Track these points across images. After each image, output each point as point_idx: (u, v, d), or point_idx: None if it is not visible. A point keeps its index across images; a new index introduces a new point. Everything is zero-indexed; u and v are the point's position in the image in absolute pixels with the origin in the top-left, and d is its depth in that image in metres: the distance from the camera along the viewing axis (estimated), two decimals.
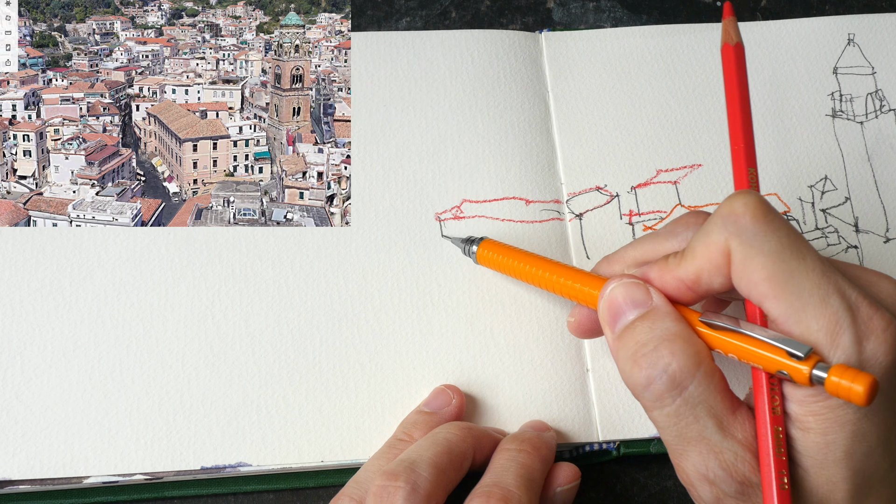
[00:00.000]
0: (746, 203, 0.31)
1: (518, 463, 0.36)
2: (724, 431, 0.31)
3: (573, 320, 0.39)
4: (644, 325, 0.32)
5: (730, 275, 0.31)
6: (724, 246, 0.31)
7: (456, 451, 0.36)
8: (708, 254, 0.31)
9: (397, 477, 0.34)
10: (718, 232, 0.31)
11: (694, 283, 0.32)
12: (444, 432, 0.37)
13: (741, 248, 0.30)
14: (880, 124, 0.50)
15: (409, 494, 0.33)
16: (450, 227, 0.46)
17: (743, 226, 0.30)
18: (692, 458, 0.31)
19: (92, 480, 0.40)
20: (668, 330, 0.32)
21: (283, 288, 0.44)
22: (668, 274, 0.33)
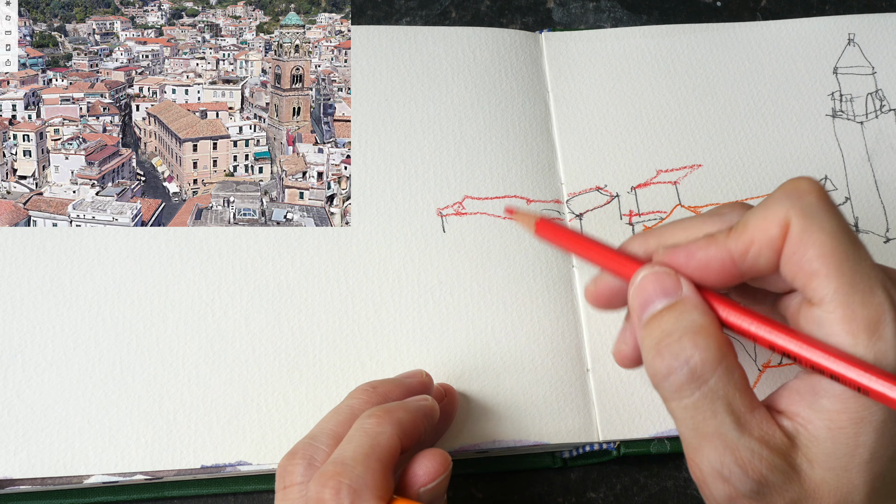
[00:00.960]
0: (812, 184, 0.31)
1: (362, 431, 0.34)
2: (741, 428, 0.30)
3: (594, 288, 0.38)
4: (671, 315, 0.32)
5: (780, 251, 0.31)
6: (784, 218, 0.30)
7: (359, 415, 0.35)
8: (765, 225, 0.31)
9: (295, 455, 0.34)
10: (780, 205, 0.31)
11: (742, 255, 0.31)
12: (348, 400, 0.37)
13: (802, 222, 0.30)
14: (880, 124, 0.50)
15: (305, 469, 0.33)
16: (451, 223, 0.46)
17: (807, 202, 0.30)
18: (707, 454, 0.31)
19: (92, 480, 0.40)
20: (693, 322, 0.31)
21: (283, 288, 0.44)
22: (714, 247, 0.32)
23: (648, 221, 0.47)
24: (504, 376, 0.42)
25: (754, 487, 0.30)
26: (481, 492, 0.43)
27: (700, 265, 0.32)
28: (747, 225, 0.31)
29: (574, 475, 0.43)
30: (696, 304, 0.32)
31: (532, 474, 0.43)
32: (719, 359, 0.31)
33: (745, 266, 0.32)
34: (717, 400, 0.31)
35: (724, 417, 0.30)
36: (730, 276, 0.32)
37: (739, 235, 0.31)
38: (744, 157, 0.49)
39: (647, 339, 0.32)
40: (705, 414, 0.31)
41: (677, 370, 0.31)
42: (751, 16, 0.55)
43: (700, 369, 0.31)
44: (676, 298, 0.32)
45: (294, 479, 0.33)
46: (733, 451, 0.30)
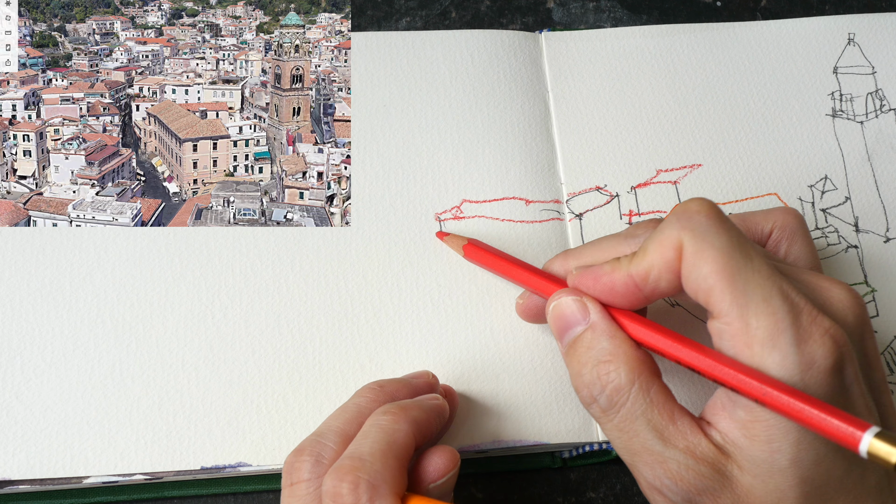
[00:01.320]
0: (701, 203, 0.32)
1: (378, 427, 0.34)
2: (665, 441, 0.31)
3: (522, 302, 0.41)
4: (584, 344, 0.34)
5: (679, 272, 0.32)
6: (677, 241, 0.32)
7: (366, 414, 0.36)
8: (660, 249, 0.32)
9: (302, 451, 0.34)
10: (672, 228, 0.32)
11: (643, 279, 0.33)
12: (355, 398, 0.37)
13: (693, 242, 0.31)
14: (880, 124, 0.50)
15: (312, 466, 0.34)
16: (450, 227, 0.46)
17: (697, 222, 0.32)
18: (641, 469, 0.32)
19: (92, 480, 0.40)
20: (603, 350, 0.33)
21: (282, 288, 0.44)
22: (617, 273, 0.34)
23: None
24: (503, 376, 0.42)
25: (686, 496, 0.31)
26: (481, 492, 0.43)
27: (606, 288, 0.34)
28: (646, 250, 0.33)
29: (574, 475, 0.43)
30: (604, 330, 0.34)
31: (532, 474, 0.43)
32: (631, 381, 0.32)
33: (648, 290, 0.33)
34: (637, 419, 0.32)
35: (647, 434, 0.32)
36: (634, 298, 0.34)
37: (640, 261, 0.33)
38: (744, 156, 0.49)
39: (570, 367, 0.35)
40: (629, 433, 0.32)
41: (597, 398, 0.33)
42: (751, 16, 0.55)
43: (615, 394, 0.32)
44: (587, 325, 0.34)
45: (301, 475, 0.34)
46: (662, 464, 0.31)
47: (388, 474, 0.32)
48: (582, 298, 0.35)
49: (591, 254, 0.37)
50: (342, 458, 0.33)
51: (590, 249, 0.38)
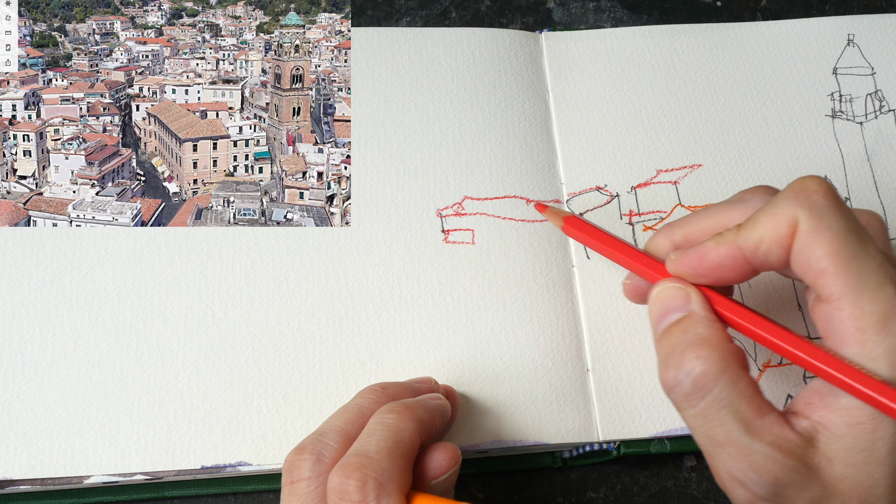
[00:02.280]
0: (820, 183, 0.32)
1: (384, 425, 0.34)
2: (751, 433, 0.31)
3: (629, 283, 0.40)
4: (678, 330, 0.33)
5: (790, 248, 0.31)
6: (793, 217, 0.31)
7: (368, 414, 0.36)
8: (774, 222, 0.32)
9: (303, 450, 0.34)
10: (788, 203, 0.32)
11: (752, 252, 0.32)
12: (357, 399, 0.37)
13: (810, 221, 0.31)
14: (880, 125, 0.50)
15: (313, 465, 0.34)
16: (451, 224, 0.46)
17: (815, 201, 0.31)
18: (723, 460, 0.32)
19: (92, 480, 0.40)
20: (697, 335, 0.33)
21: (282, 288, 0.44)
22: (724, 246, 0.33)
23: (648, 221, 0.47)
24: (504, 376, 0.42)
25: (771, 490, 0.31)
26: (481, 492, 0.43)
27: (713, 265, 0.34)
28: (756, 223, 0.32)
29: (574, 475, 0.43)
30: (701, 318, 0.33)
31: (532, 474, 0.43)
32: (722, 369, 0.32)
33: (757, 262, 0.33)
34: (723, 408, 0.31)
35: (733, 425, 0.31)
36: (743, 271, 0.33)
37: (749, 233, 0.33)
38: (744, 157, 0.49)
39: (659, 351, 0.34)
40: (713, 422, 0.32)
41: (682, 381, 0.32)
42: (751, 16, 0.55)
43: (703, 380, 0.32)
44: (685, 312, 0.34)
45: (302, 474, 0.33)
46: (746, 457, 0.31)
47: (394, 472, 0.32)
48: (685, 287, 0.34)
49: (697, 224, 0.37)
50: (348, 456, 0.33)
51: (696, 219, 0.37)
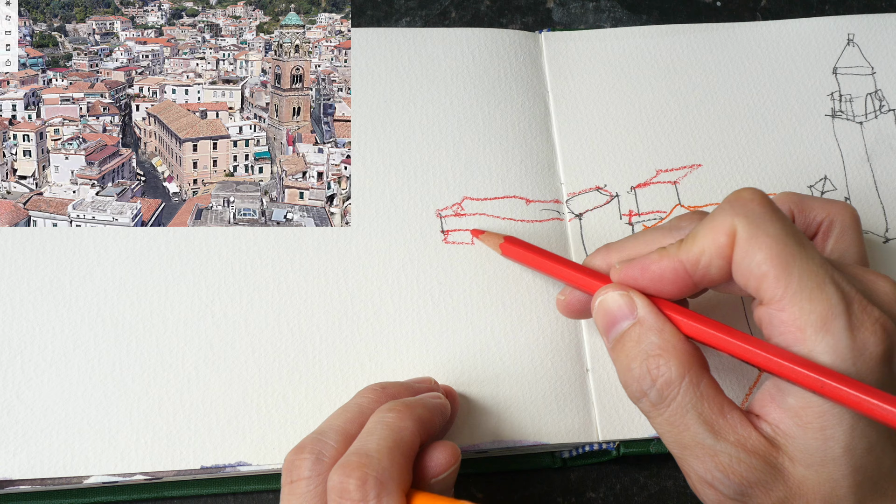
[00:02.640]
0: (753, 192, 0.33)
1: (384, 424, 0.34)
2: (716, 435, 0.31)
3: (563, 298, 0.40)
4: (631, 340, 0.34)
5: (730, 258, 0.32)
6: (731, 227, 0.32)
7: (368, 414, 0.36)
8: (712, 234, 0.32)
9: (303, 449, 0.34)
10: (725, 214, 0.32)
11: (693, 266, 0.33)
12: (357, 398, 0.37)
13: (748, 228, 0.31)
14: (880, 124, 0.50)
15: (313, 464, 0.34)
16: (450, 224, 0.46)
17: (750, 209, 0.32)
18: (691, 463, 0.32)
19: (92, 480, 0.40)
20: (652, 344, 0.33)
21: (282, 288, 0.44)
22: (666, 259, 0.34)
23: (648, 221, 0.47)
24: (504, 376, 0.42)
25: (738, 490, 0.31)
26: (481, 492, 0.43)
27: (654, 277, 0.34)
28: (696, 236, 0.33)
29: (574, 475, 0.43)
30: (651, 325, 0.34)
31: (532, 474, 0.43)
32: (682, 374, 0.32)
33: (698, 276, 0.33)
34: (688, 413, 0.32)
35: (698, 428, 0.32)
36: (684, 286, 0.34)
37: (690, 247, 0.33)
38: (744, 157, 0.49)
39: (617, 362, 0.34)
40: (680, 427, 0.32)
41: (646, 392, 0.33)
42: (751, 16, 0.55)
43: (665, 388, 0.32)
44: (634, 319, 0.34)
45: (302, 473, 0.33)
46: (713, 458, 0.31)
47: (395, 471, 0.32)
48: (629, 293, 0.34)
49: (633, 247, 0.37)
50: (348, 455, 0.33)
51: (632, 242, 0.38)
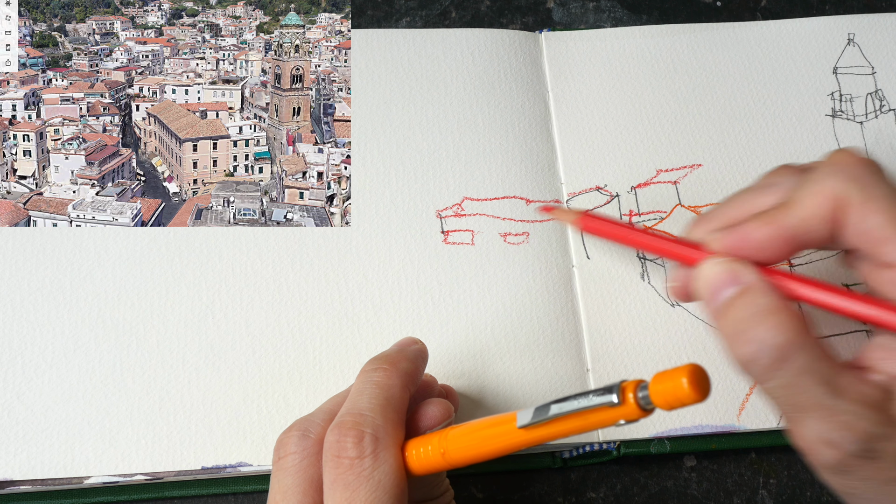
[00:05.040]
0: (853, 154, 0.32)
1: (373, 383, 0.34)
2: (836, 393, 0.31)
3: (677, 284, 0.39)
4: (742, 303, 0.33)
5: (836, 222, 0.32)
6: (837, 192, 0.32)
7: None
8: (818, 200, 0.32)
9: (290, 429, 0.34)
10: (830, 179, 0.32)
11: (797, 232, 0.33)
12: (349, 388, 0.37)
13: (860, 192, 0.31)
14: (880, 124, 0.50)
15: (299, 440, 0.34)
16: (450, 224, 0.46)
17: (857, 172, 0.32)
18: (810, 425, 0.31)
19: (92, 481, 0.40)
20: (766, 305, 0.32)
21: (282, 288, 0.44)
22: (768, 227, 0.33)
23: (648, 221, 0.47)
24: (504, 376, 0.42)
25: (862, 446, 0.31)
26: (481, 492, 0.43)
27: (756, 245, 0.34)
28: (799, 201, 0.33)
29: (574, 475, 0.43)
30: (762, 288, 0.33)
31: (532, 474, 0.43)
32: (798, 334, 0.31)
33: (800, 240, 0.33)
34: (806, 373, 0.31)
35: (817, 388, 0.31)
36: (786, 250, 0.33)
37: (793, 212, 0.33)
38: (744, 157, 0.49)
39: (724, 329, 0.33)
40: (798, 389, 0.31)
41: (761, 355, 0.32)
42: (751, 16, 0.55)
43: (783, 349, 0.31)
44: (743, 286, 0.33)
45: (288, 449, 0.34)
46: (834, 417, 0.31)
47: (389, 427, 0.33)
48: (734, 260, 0.34)
49: (729, 213, 0.37)
50: (342, 415, 0.33)
51: (727, 209, 0.37)
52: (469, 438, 0.32)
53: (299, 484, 0.33)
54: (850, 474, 0.31)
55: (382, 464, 0.31)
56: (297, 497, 0.32)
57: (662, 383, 0.27)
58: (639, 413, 0.28)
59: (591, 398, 0.28)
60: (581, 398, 0.29)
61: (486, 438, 0.32)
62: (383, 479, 0.31)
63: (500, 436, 0.31)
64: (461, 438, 0.32)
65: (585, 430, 0.29)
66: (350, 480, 0.31)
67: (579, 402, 0.29)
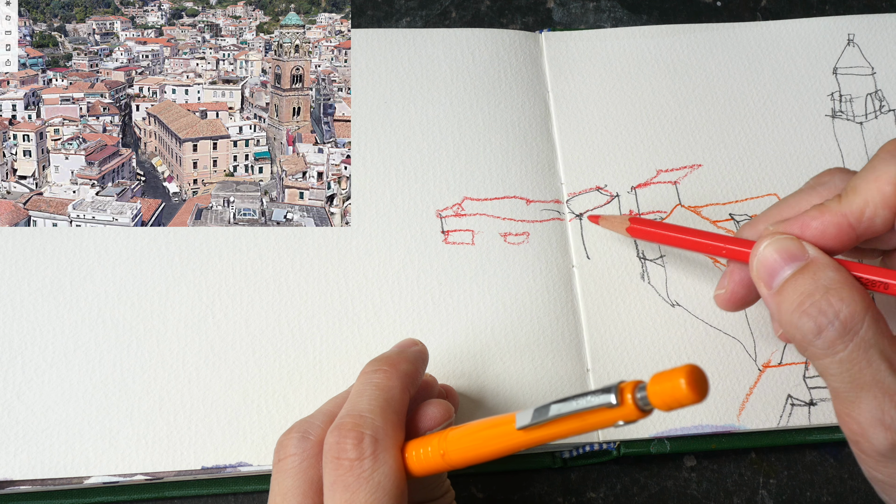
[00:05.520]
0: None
1: (373, 385, 0.34)
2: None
3: (723, 292, 0.39)
4: (806, 277, 0.32)
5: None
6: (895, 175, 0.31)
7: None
8: (877, 185, 0.32)
9: (290, 430, 0.35)
10: (889, 165, 0.32)
11: (857, 219, 0.32)
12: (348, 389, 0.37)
13: None
14: (880, 125, 0.50)
15: (299, 441, 0.34)
16: (450, 224, 0.46)
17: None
18: (866, 404, 0.31)
19: (93, 480, 0.40)
20: (832, 278, 0.32)
21: (282, 288, 0.44)
22: (827, 215, 0.33)
23: None
24: (504, 376, 0.42)
25: None
26: (481, 492, 0.43)
27: (816, 234, 0.33)
28: (858, 188, 0.32)
29: (574, 475, 0.43)
30: (826, 262, 0.33)
31: (532, 474, 0.43)
32: (865, 308, 0.31)
33: (862, 228, 0.33)
34: (871, 348, 0.31)
35: (880, 364, 0.31)
36: (846, 240, 0.33)
37: (853, 199, 0.32)
38: (744, 157, 0.49)
39: (786, 302, 0.33)
40: (860, 364, 0.31)
41: (828, 326, 0.31)
42: (751, 16, 0.55)
43: (850, 321, 0.31)
44: (804, 261, 0.33)
45: (288, 451, 0.34)
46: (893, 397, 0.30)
47: (388, 429, 0.33)
48: (793, 238, 0.33)
49: (783, 211, 0.36)
50: (342, 416, 0.33)
51: (777, 209, 0.37)
52: (468, 440, 0.32)
53: (299, 486, 0.33)
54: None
55: (382, 465, 0.31)
56: (297, 499, 0.32)
57: (660, 384, 0.27)
58: (637, 414, 0.28)
59: (589, 399, 0.28)
60: (579, 399, 0.29)
61: (486, 440, 0.32)
62: (383, 480, 0.31)
63: (499, 437, 0.31)
64: (460, 440, 0.32)
65: (584, 431, 0.29)
66: (350, 482, 0.31)
67: (578, 404, 0.29)
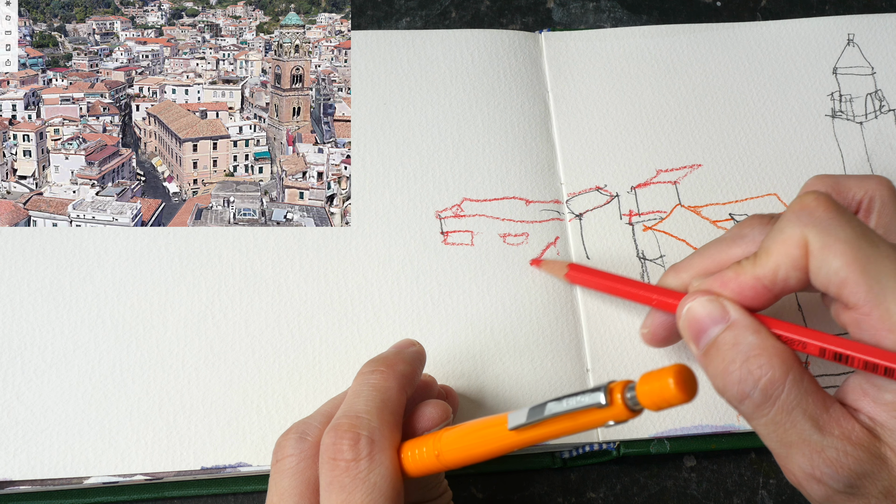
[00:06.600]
0: (817, 197, 0.32)
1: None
2: (822, 430, 0.31)
3: (647, 331, 0.40)
4: (727, 342, 0.33)
5: (807, 268, 0.32)
6: (801, 238, 0.32)
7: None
8: (785, 248, 0.32)
9: (288, 431, 0.35)
10: (793, 226, 0.32)
11: (771, 281, 0.33)
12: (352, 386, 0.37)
13: (819, 238, 0.31)
14: (880, 124, 0.50)
15: (296, 442, 0.34)
16: (450, 225, 0.46)
17: (818, 217, 0.32)
18: (797, 460, 0.32)
19: (92, 481, 0.40)
20: (751, 344, 0.33)
21: (282, 288, 0.44)
22: (743, 276, 0.33)
23: (648, 221, 0.47)
24: (504, 377, 0.42)
25: (847, 482, 0.31)
26: (481, 492, 0.43)
27: (735, 292, 0.34)
28: (768, 251, 0.33)
29: (574, 475, 0.43)
30: (747, 325, 0.33)
31: (532, 474, 0.43)
32: (785, 372, 0.32)
33: (777, 288, 0.33)
34: (794, 410, 0.32)
35: (804, 424, 0.32)
36: (764, 300, 0.34)
37: (764, 262, 0.33)
38: (744, 157, 0.49)
39: (711, 367, 0.34)
40: (785, 426, 0.32)
41: (750, 393, 0.32)
42: (751, 16, 0.55)
43: (770, 387, 0.32)
44: (727, 323, 0.34)
45: (286, 451, 0.34)
46: (820, 453, 0.31)
47: (385, 430, 0.33)
48: (718, 298, 0.34)
49: (701, 263, 0.37)
50: (338, 417, 0.33)
51: (700, 259, 0.38)
52: (462, 440, 0.32)
53: (296, 486, 0.33)
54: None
55: (378, 466, 0.32)
56: (294, 499, 0.33)
57: (649, 384, 0.27)
58: (627, 414, 0.28)
59: (579, 399, 0.28)
60: (569, 399, 0.29)
61: (479, 440, 0.32)
62: (379, 481, 0.31)
63: (492, 437, 0.31)
64: (455, 440, 0.32)
65: (576, 431, 0.30)
66: (346, 483, 0.31)
67: (567, 404, 0.29)
